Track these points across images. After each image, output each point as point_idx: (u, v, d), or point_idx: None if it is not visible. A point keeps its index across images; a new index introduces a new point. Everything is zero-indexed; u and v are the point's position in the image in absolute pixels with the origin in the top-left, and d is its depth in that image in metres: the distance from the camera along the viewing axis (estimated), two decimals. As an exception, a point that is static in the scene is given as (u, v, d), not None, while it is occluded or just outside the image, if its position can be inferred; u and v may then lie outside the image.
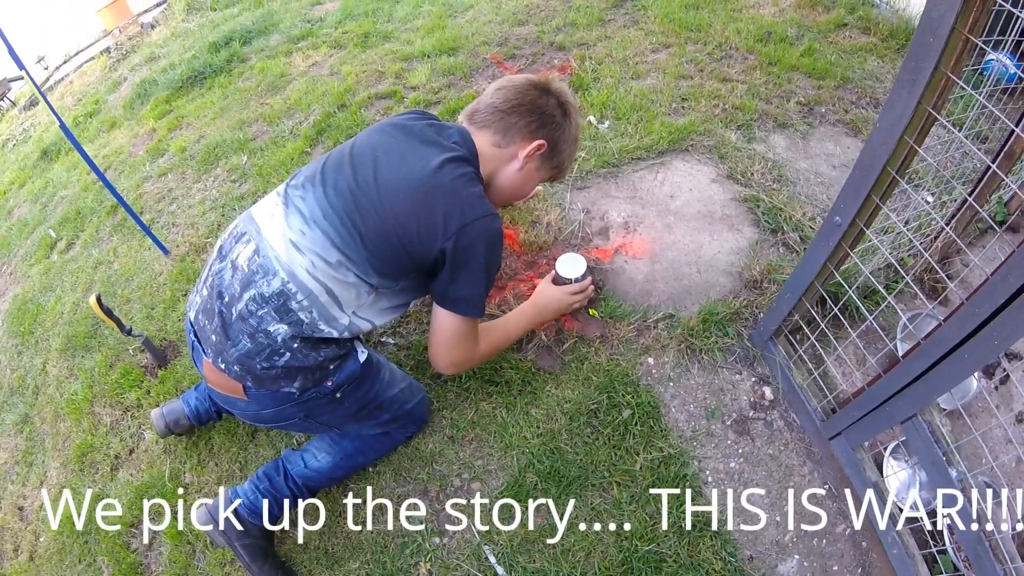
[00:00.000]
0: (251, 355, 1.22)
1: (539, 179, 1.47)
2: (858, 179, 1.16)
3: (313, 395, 1.31)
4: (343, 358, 1.34)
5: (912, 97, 0.98)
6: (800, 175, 2.22)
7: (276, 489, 1.49)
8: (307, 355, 1.25)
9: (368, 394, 1.43)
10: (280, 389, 1.26)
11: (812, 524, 1.47)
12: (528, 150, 1.37)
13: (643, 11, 3.34)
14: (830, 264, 1.33)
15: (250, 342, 1.21)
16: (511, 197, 1.50)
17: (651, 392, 1.66)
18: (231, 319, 1.22)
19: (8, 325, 2.71)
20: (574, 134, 1.45)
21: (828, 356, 1.56)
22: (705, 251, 1.94)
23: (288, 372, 1.25)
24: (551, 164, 1.44)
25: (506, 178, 1.41)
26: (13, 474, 2.15)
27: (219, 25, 4.62)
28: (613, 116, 2.48)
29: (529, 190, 1.50)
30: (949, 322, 1.01)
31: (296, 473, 1.51)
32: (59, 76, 5.60)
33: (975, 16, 0.87)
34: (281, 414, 1.33)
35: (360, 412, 1.45)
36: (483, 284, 1.29)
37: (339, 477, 1.57)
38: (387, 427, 1.56)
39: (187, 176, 2.92)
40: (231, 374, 1.24)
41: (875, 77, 2.68)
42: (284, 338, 1.22)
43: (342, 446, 1.54)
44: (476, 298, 1.30)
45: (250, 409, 1.32)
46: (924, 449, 1.18)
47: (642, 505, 1.49)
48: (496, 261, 1.30)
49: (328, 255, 1.21)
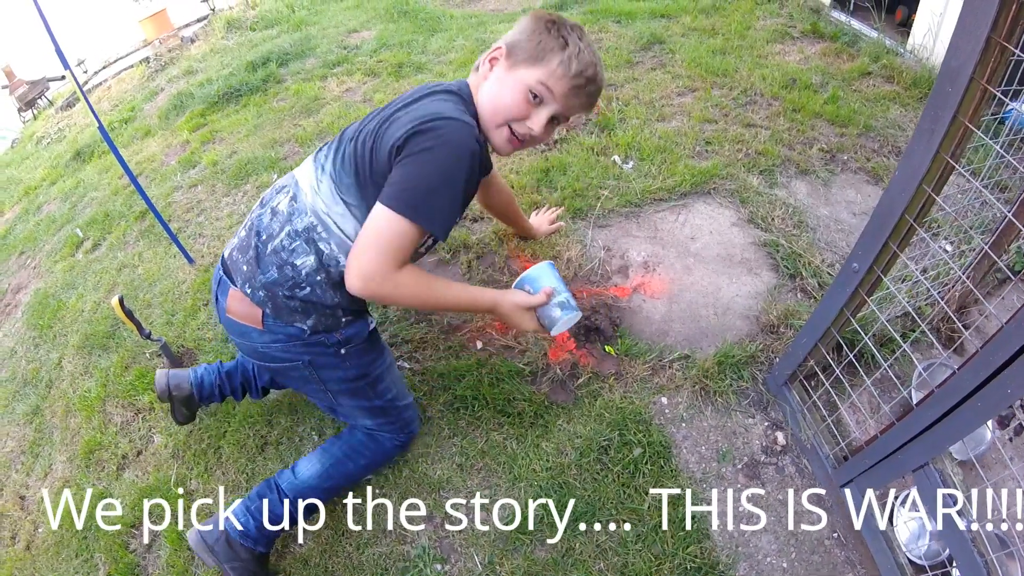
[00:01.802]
0: (276, 283, 1.30)
1: (516, 81, 1.28)
2: (876, 226, 1.17)
3: (321, 341, 1.36)
4: (355, 316, 1.39)
5: (931, 146, 1.00)
6: (820, 221, 2.23)
7: (271, 507, 1.47)
8: (325, 293, 1.31)
9: (370, 365, 1.46)
10: (294, 323, 1.33)
11: (819, 571, 1.45)
12: (485, 56, 1.33)
13: (671, 55, 3.41)
14: (847, 310, 1.34)
15: (278, 272, 1.29)
16: (492, 107, 1.32)
17: (663, 432, 1.66)
18: (265, 252, 1.31)
19: (28, 318, 2.75)
20: (542, 26, 1.28)
21: (842, 403, 1.55)
22: (723, 294, 1.95)
23: (305, 307, 1.31)
24: (521, 59, 1.28)
25: (482, 92, 1.33)
26: (18, 463, 2.17)
27: (257, 45, 4.75)
28: (637, 156, 2.52)
29: (510, 97, 1.29)
30: (963, 370, 1.01)
31: (287, 487, 1.49)
32: (97, 80, 5.77)
33: (994, 66, 0.89)
34: (288, 352, 1.37)
35: (358, 381, 1.46)
36: (418, 177, 1.15)
37: (331, 488, 1.53)
38: (377, 420, 1.53)
39: (217, 189, 2.98)
40: (255, 299, 1.32)
41: (897, 126, 2.71)
42: (308, 271, 1.29)
43: (331, 452, 1.54)
44: (406, 192, 1.15)
45: (262, 341, 1.36)
46: (935, 499, 1.16)
47: (648, 545, 1.47)
48: (448, 162, 1.16)
49: (334, 195, 1.28)
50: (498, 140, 1.34)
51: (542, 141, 1.38)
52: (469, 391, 1.75)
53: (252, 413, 1.87)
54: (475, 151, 1.19)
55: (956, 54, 0.91)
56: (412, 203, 1.14)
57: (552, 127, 1.35)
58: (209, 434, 1.89)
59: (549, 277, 1.38)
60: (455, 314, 1.99)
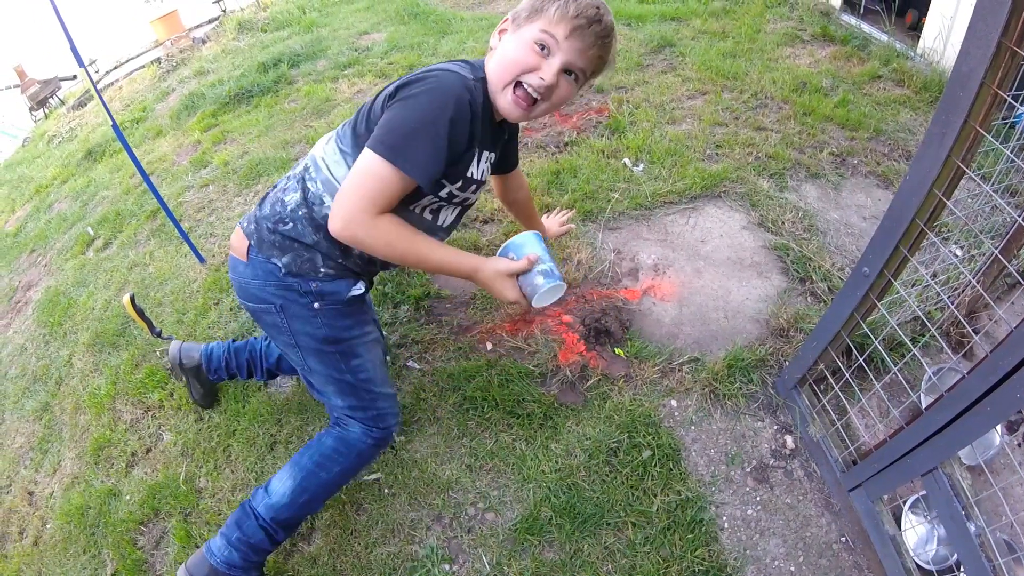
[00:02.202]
0: (265, 218, 1.36)
1: (520, 40, 1.23)
2: (887, 230, 1.17)
3: (294, 286, 1.35)
4: (335, 271, 1.37)
5: (942, 150, 1.00)
6: (831, 225, 2.23)
7: (248, 534, 1.42)
8: (304, 229, 1.32)
9: (345, 331, 1.42)
10: (271, 259, 1.35)
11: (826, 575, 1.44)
12: (496, 30, 1.30)
13: (681, 58, 3.41)
14: (857, 314, 1.33)
15: (269, 208, 1.36)
16: (503, 66, 1.25)
17: (672, 435, 1.65)
18: (271, 194, 1.40)
19: (38, 315, 2.77)
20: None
21: (851, 407, 1.54)
22: (733, 297, 1.95)
23: (283, 243, 1.34)
24: (523, 17, 1.24)
25: (492, 61, 1.27)
26: (27, 459, 2.18)
27: (268, 46, 4.79)
28: (648, 159, 2.52)
29: (515, 53, 1.23)
30: (973, 374, 1.00)
31: (262, 510, 1.43)
32: (109, 81, 5.81)
33: (1004, 71, 0.89)
34: (264, 291, 1.38)
35: (327, 344, 1.41)
36: (401, 121, 1.14)
37: (307, 502, 1.45)
38: (348, 400, 1.46)
39: (228, 189, 2.99)
40: (246, 232, 1.39)
41: (908, 129, 2.70)
42: (293, 207, 1.33)
43: (300, 464, 1.46)
44: (389, 135, 1.14)
45: (245, 275, 1.40)
46: (944, 503, 1.16)
47: (656, 548, 1.47)
48: (430, 107, 1.14)
49: (334, 144, 1.33)
50: (504, 103, 1.26)
51: (563, 99, 1.28)
52: (479, 392, 1.76)
53: (262, 412, 1.88)
54: (461, 96, 1.16)
55: (967, 59, 0.92)
56: (391, 144, 1.13)
57: (570, 84, 1.26)
58: (218, 432, 1.89)
59: (534, 244, 1.31)
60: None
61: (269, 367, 1.82)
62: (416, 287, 2.10)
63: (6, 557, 1.92)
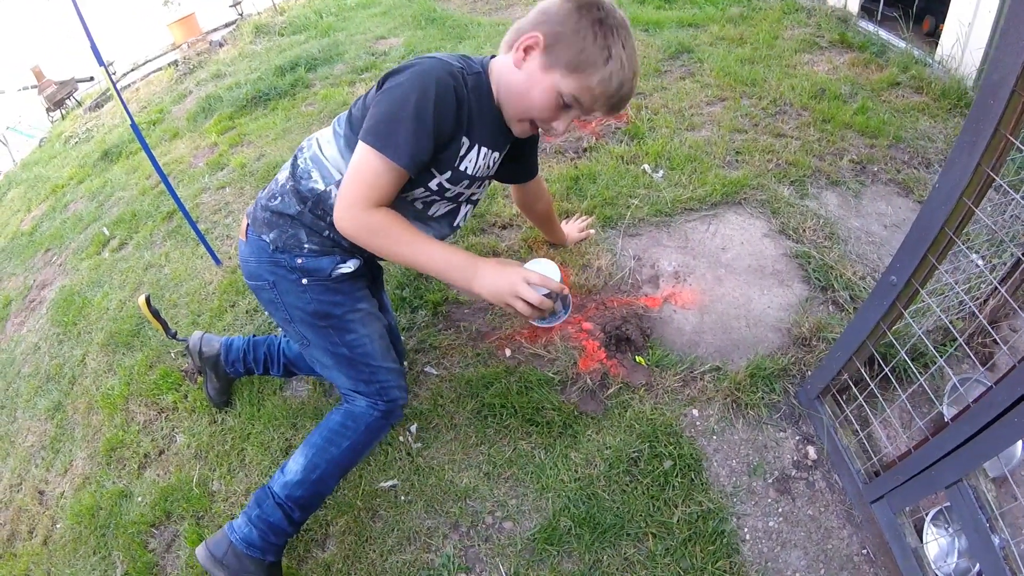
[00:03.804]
0: (261, 198, 1.43)
1: (550, 85, 1.22)
2: (916, 239, 1.15)
3: (283, 262, 1.39)
4: (322, 246, 1.39)
5: (972, 159, 0.98)
6: (852, 233, 2.19)
7: (266, 513, 1.43)
8: (289, 201, 1.37)
9: (334, 308, 1.43)
10: (261, 236, 1.40)
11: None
12: (520, 43, 1.22)
13: (699, 64, 3.39)
14: (883, 324, 1.31)
15: (265, 189, 1.45)
16: (518, 104, 1.28)
17: (694, 444, 1.62)
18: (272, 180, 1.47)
19: (52, 314, 2.78)
20: (589, 25, 1.19)
21: (875, 417, 1.52)
22: (754, 305, 1.92)
23: (271, 219, 1.39)
24: (560, 63, 1.20)
25: (509, 80, 1.26)
26: (39, 458, 2.18)
27: (285, 50, 4.81)
28: (667, 166, 2.50)
29: (539, 99, 1.24)
30: (1000, 386, 0.98)
31: (278, 488, 1.44)
32: (126, 83, 5.86)
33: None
34: (259, 268, 1.43)
35: (318, 318, 1.43)
36: (389, 111, 1.15)
37: (319, 479, 1.46)
38: (348, 373, 1.47)
39: (245, 192, 3.00)
40: (247, 213, 1.47)
41: (927, 137, 2.66)
42: (282, 181, 1.40)
43: (311, 442, 1.48)
44: (378, 125, 1.15)
45: (244, 253, 1.46)
46: (968, 515, 1.14)
47: (677, 559, 1.44)
48: (415, 95, 1.14)
49: (332, 128, 1.38)
50: (518, 129, 1.35)
51: (560, 135, 1.39)
52: (497, 399, 1.73)
53: (277, 415, 1.87)
54: (442, 79, 1.16)
55: (998, 67, 0.90)
56: (376, 132, 1.16)
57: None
58: (233, 435, 1.88)
59: (555, 273, 1.28)
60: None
61: (286, 363, 1.81)
62: (434, 292, 2.08)
63: (15, 556, 1.91)
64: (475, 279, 1.22)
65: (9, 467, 2.22)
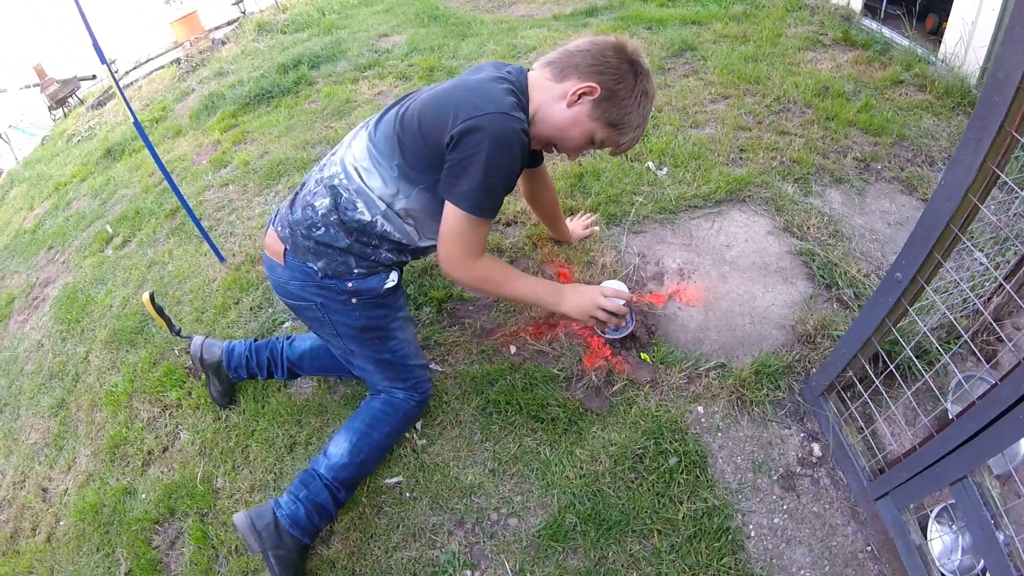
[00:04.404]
0: (298, 223, 1.44)
1: (589, 130, 1.40)
2: (921, 236, 1.15)
3: (333, 287, 1.46)
4: (370, 268, 1.48)
5: (977, 156, 0.98)
6: (856, 231, 2.19)
7: (313, 494, 1.50)
8: (337, 234, 1.41)
9: (381, 320, 1.54)
10: (307, 264, 1.44)
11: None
12: (579, 88, 1.35)
13: (703, 61, 3.38)
14: (888, 321, 1.31)
15: (301, 213, 1.44)
16: (553, 135, 1.43)
17: (699, 441, 1.62)
18: (299, 196, 1.48)
19: (56, 311, 2.78)
20: (639, 95, 1.38)
21: (880, 414, 1.52)
22: (759, 302, 1.91)
23: (317, 248, 1.43)
24: (607, 118, 1.38)
25: (552, 112, 1.38)
26: (42, 455, 2.18)
27: (288, 48, 4.81)
28: (671, 163, 2.49)
29: (575, 138, 1.42)
30: (1004, 383, 0.99)
31: (324, 471, 1.53)
32: (128, 81, 5.86)
33: None
34: (304, 290, 1.48)
35: (366, 332, 1.54)
36: (482, 180, 1.26)
37: (363, 461, 1.57)
38: (387, 374, 1.60)
39: (248, 189, 3.00)
40: (281, 236, 1.47)
41: (931, 135, 2.65)
42: (324, 212, 1.41)
43: (354, 427, 1.58)
44: (472, 192, 1.27)
45: (283, 277, 1.50)
46: (973, 512, 1.14)
47: (682, 556, 1.44)
48: (503, 163, 1.27)
49: (367, 151, 1.40)
50: (537, 145, 1.47)
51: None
52: (502, 396, 1.73)
53: (281, 412, 1.87)
54: (524, 144, 1.29)
55: (1003, 64, 0.90)
56: (477, 202, 1.29)
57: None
58: (237, 432, 1.88)
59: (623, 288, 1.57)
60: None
61: (290, 366, 1.82)
62: (438, 288, 2.08)
63: (18, 553, 1.92)
64: (562, 302, 1.51)
65: (12, 464, 2.23)
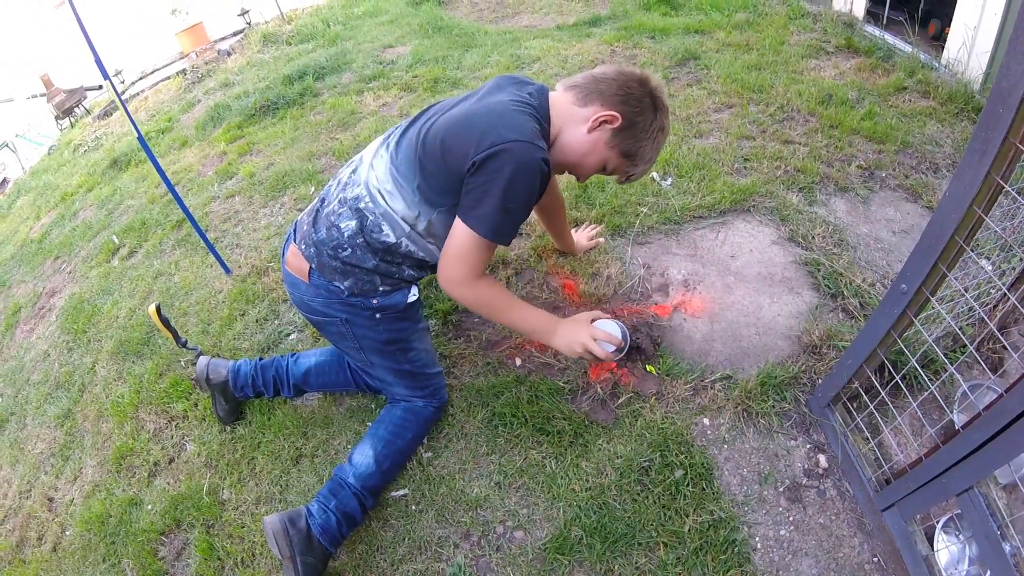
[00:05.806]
0: (323, 243, 1.45)
1: (604, 158, 1.43)
2: (926, 247, 1.15)
3: (358, 304, 1.49)
4: (394, 285, 1.51)
5: (982, 167, 0.98)
6: (861, 240, 2.18)
7: (343, 502, 1.53)
8: (364, 256, 1.44)
9: (403, 332, 1.58)
10: (333, 283, 1.47)
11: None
12: (601, 115, 1.37)
13: (706, 70, 3.39)
14: (894, 332, 1.31)
15: (326, 233, 1.45)
16: (570, 160, 1.45)
17: (705, 453, 1.62)
18: (322, 214, 1.49)
19: (62, 322, 2.79)
20: (656, 130, 1.42)
21: (886, 425, 1.51)
22: (764, 313, 1.91)
23: (344, 268, 1.45)
24: (623, 148, 1.42)
25: (572, 136, 1.41)
26: (48, 465, 2.18)
27: (293, 59, 4.83)
28: (676, 173, 2.50)
29: (591, 164, 1.45)
30: (1011, 392, 0.98)
31: (353, 480, 1.56)
32: (134, 91, 5.90)
33: None
34: (328, 307, 1.51)
35: (389, 344, 1.57)
36: (499, 205, 1.26)
37: (388, 468, 1.61)
38: (407, 383, 1.64)
39: (254, 200, 3.01)
40: (305, 254, 1.49)
41: (935, 142, 2.64)
42: (350, 234, 1.42)
43: (378, 435, 1.62)
44: (488, 217, 1.28)
45: (307, 294, 1.52)
46: (979, 522, 1.13)
47: (688, 568, 1.43)
48: (522, 189, 1.27)
49: (389, 173, 1.40)
50: (556, 172, 1.53)
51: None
52: (508, 408, 1.73)
53: (287, 424, 1.87)
54: (544, 173, 1.31)
55: (1007, 75, 0.90)
56: (493, 226, 1.29)
57: None
58: (243, 444, 1.88)
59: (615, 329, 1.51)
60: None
61: (296, 383, 1.83)
62: (444, 301, 2.08)
63: (24, 562, 1.92)
64: (554, 337, 1.49)
65: (19, 474, 2.23)
